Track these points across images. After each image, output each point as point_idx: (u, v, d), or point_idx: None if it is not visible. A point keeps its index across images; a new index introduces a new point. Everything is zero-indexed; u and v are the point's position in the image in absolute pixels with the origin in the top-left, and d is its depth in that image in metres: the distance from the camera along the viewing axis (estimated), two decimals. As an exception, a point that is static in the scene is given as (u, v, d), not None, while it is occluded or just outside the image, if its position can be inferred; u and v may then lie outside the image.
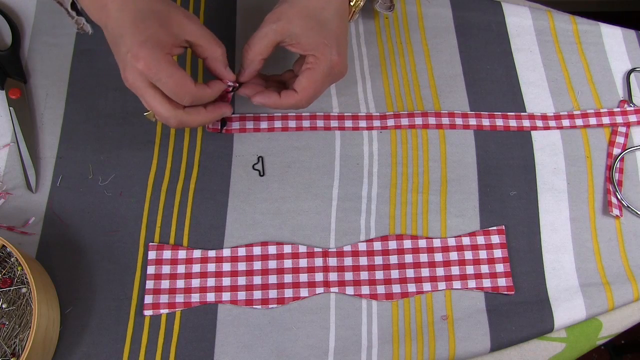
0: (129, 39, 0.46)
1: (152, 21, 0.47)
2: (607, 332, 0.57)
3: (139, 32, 0.47)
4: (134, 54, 0.46)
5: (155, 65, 0.46)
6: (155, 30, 0.47)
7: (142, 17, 0.47)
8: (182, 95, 0.48)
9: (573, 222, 0.59)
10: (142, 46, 0.46)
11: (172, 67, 0.47)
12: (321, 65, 0.51)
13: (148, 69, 0.46)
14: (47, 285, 0.51)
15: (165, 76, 0.47)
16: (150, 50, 0.46)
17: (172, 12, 0.49)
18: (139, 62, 0.46)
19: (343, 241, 0.57)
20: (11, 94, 0.60)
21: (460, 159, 0.61)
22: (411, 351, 0.53)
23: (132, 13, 0.47)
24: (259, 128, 0.61)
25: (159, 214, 0.57)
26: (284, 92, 0.53)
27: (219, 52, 0.51)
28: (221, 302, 0.54)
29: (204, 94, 0.50)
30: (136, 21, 0.47)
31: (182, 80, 0.47)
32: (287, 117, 0.61)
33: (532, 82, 0.65)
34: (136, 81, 0.47)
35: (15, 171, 0.58)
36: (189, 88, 0.48)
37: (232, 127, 0.61)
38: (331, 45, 0.52)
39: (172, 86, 0.47)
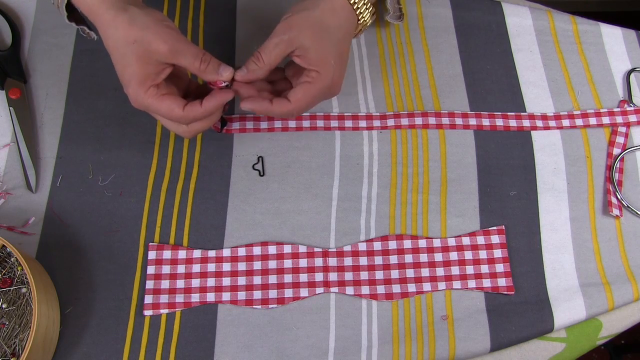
0: (119, 74, 0.49)
1: (129, 58, 0.48)
2: (607, 332, 0.57)
3: (122, 70, 0.49)
4: (127, 93, 0.49)
5: (143, 103, 0.49)
6: (133, 69, 0.48)
7: (123, 53, 0.48)
8: (176, 120, 0.50)
9: (573, 222, 0.59)
10: (128, 86, 0.49)
11: (157, 100, 0.49)
12: (321, 82, 0.51)
13: (140, 106, 0.49)
14: (47, 285, 0.51)
15: (155, 110, 0.49)
16: (135, 91, 0.48)
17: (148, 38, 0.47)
18: (132, 101, 0.49)
19: (343, 241, 0.57)
20: (11, 94, 0.60)
21: (460, 159, 0.61)
22: (411, 351, 0.53)
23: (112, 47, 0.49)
24: (259, 128, 0.61)
25: (159, 214, 0.57)
26: (277, 101, 0.52)
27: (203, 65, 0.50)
28: (221, 302, 0.54)
29: (195, 114, 0.50)
30: (118, 58, 0.49)
31: (169, 109, 0.49)
32: (287, 118, 0.61)
33: (532, 82, 0.65)
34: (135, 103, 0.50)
35: (15, 171, 0.58)
36: (178, 115, 0.49)
37: (233, 127, 0.61)
38: (335, 65, 0.52)
39: (163, 114, 0.50)
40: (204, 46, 0.65)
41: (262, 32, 0.65)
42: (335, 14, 0.52)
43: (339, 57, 0.53)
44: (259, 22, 0.66)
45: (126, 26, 0.48)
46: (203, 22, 0.66)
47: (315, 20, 0.51)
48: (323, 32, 0.51)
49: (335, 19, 0.52)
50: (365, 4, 0.53)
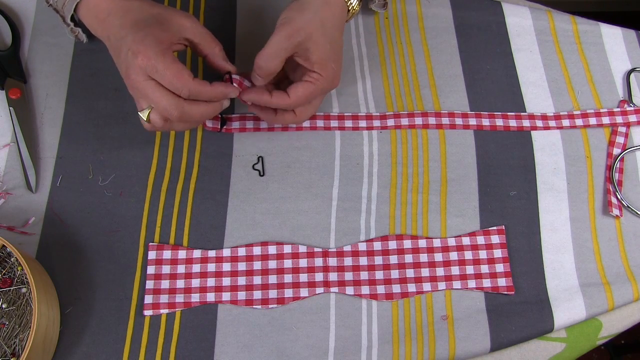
0: (130, 38, 0.48)
1: (150, 21, 0.50)
2: (607, 332, 0.57)
3: (138, 30, 0.49)
4: (133, 50, 0.48)
5: (153, 57, 0.47)
6: (153, 29, 0.49)
7: (141, 21, 0.50)
8: (181, 87, 0.49)
9: (573, 222, 0.59)
10: (141, 42, 0.48)
11: (169, 59, 0.48)
12: (322, 83, 0.53)
13: (147, 61, 0.47)
14: (47, 285, 0.51)
15: (163, 68, 0.48)
16: (148, 45, 0.48)
17: (171, 14, 0.51)
18: (138, 56, 0.47)
19: (343, 241, 0.57)
20: (11, 94, 0.60)
21: (460, 159, 0.61)
22: (411, 351, 0.53)
23: (133, 18, 0.50)
24: (259, 128, 0.61)
25: (159, 214, 0.57)
26: (276, 93, 0.53)
27: (216, 49, 0.53)
28: (221, 302, 0.54)
29: (202, 89, 0.50)
30: (136, 23, 0.50)
31: (180, 72, 0.48)
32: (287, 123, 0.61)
33: (532, 82, 0.65)
34: (138, 77, 0.48)
35: (15, 171, 0.58)
36: (186, 80, 0.49)
37: (232, 126, 0.61)
38: (336, 67, 0.53)
39: (170, 77, 0.48)
40: (204, 46, 0.65)
41: (262, 32, 0.66)
42: (333, 13, 0.54)
43: (337, 56, 0.54)
44: (259, 22, 0.66)
45: (149, 5, 0.51)
46: (203, 22, 0.66)
47: (318, 24, 0.52)
48: (325, 35, 0.52)
49: (333, 18, 0.53)
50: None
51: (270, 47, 0.51)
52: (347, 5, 0.55)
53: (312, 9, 0.52)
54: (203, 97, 0.50)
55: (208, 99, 0.51)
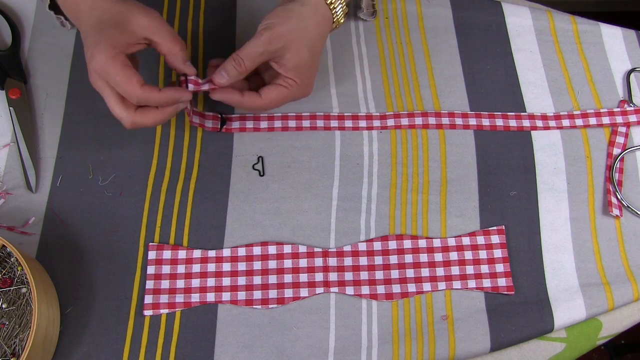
0: (89, 40, 0.49)
1: (109, 23, 0.49)
2: (607, 332, 0.57)
3: (95, 33, 0.49)
4: (90, 54, 0.48)
5: (105, 64, 0.48)
6: (109, 32, 0.49)
7: (102, 21, 0.49)
8: (130, 93, 0.49)
9: (573, 222, 0.59)
10: (96, 46, 0.48)
11: (119, 65, 0.48)
12: (295, 89, 0.54)
13: (100, 67, 0.48)
14: (47, 285, 0.51)
15: (113, 74, 0.48)
16: (101, 50, 0.48)
17: (132, 13, 0.50)
18: (94, 61, 0.48)
19: (343, 241, 0.57)
20: (11, 94, 0.60)
21: (460, 159, 0.61)
22: (411, 351, 0.53)
23: (95, 18, 0.50)
24: (259, 127, 0.61)
25: (159, 214, 0.57)
26: (248, 94, 0.53)
27: (176, 48, 0.51)
28: (221, 302, 0.54)
29: (150, 95, 0.49)
30: (96, 25, 0.49)
31: (129, 78, 0.48)
32: (287, 117, 0.61)
33: (532, 82, 0.65)
34: (96, 81, 0.49)
35: (15, 171, 0.58)
36: (134, 87, 0.49)
37: (232, 126, 0.61)
38: (311, 76, 0.54)
39: (120, 83, 0.48)
40: (203, 46, 0.65)
41: (262, 32, 0.66)
42: (319, 25, 0.54)
43: (315, 64, 0.55)
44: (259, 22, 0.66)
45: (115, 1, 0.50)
46: (203, 22, 0.66)
47: (302, 33, 0.52)
48: (307, 46, 0.53)
49: (319, 30, 0.54)
50: (341, 5, 0.55)
51: (247, 49, 0.51)
52: (332, 16, 0.55)
53: (296, 16, 0.52)
54: (152, 103, 0.50)
55: (158, 105, 0.51)
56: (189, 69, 0.52)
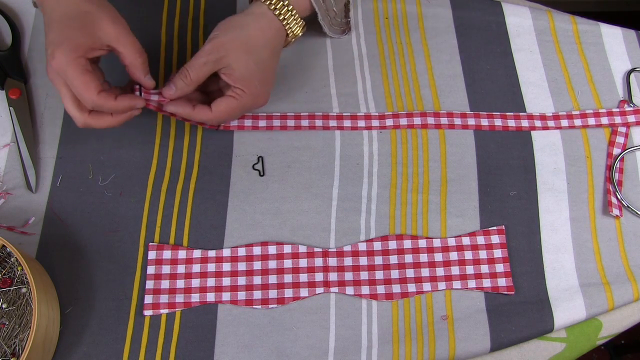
0: (51, 36, 0.49)
1: (75, 22, 0.49)
2: (607, 332, 0.57)
3: (59, 31, 0.49)
4: (51, 52, 0.48)
5: (65, 66, 0.48)
6: (74, 32, 0.49)
7: (68, 17, 0.49)
8: (86, 99, 0.49)
9: (573, 222, 0.59)
10: (58, 46, 0.48)
11: (79, 70, 0.49)
12: (245, 98, 0.54)
13: (59, 68, 0.48)
14: (47, 285, 0.51)
15: (71, 77, 0.49)
16: (64, 52, 0.48)
17: (100, 14, 0.50)
18: (54, 60, 0.48)
19: (343, 241, 0.57)
20: (11, 94, 0.60)
21: (460, 159, 0.61)
22: (411, 351, 0.53)
23: (61, 10, 0.50)
24: (257, 126, 0.61)
25: (159, 214, 0.57)
26: (199, 107, 0.54)
27: (139, 60, 0.52)
28: (221, 302, 0.54)
29: (106, 103, 0.50)
30: (61, 20, 0.49)
31: (86, 85, 0.49)
32: (285, 117, 0.61)
33: (532, 82, 0.65)
34: (54, 78, 0.50)
35: (15, 171, 0.58)
36: (91, 94, 0.49)
37: (230, 124, 0.61)
38: (259, 83, 0.54)
39: (77, 88, 0.49)
40: (204, 46, 0.64)
41: (262, 32, 0.66)
42: (264, 32, 0.55)
43: (264, 74, 0.55)
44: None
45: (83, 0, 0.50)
46: (203, 22, 0.66)
47: (243, 41, 0.53)
48: (250, 53, 0.53)
49: (263, 38, 0.54)
50: (294, 19, 0.56)
51: (191, 60, 0.53)
52: (284, 28, 0.56)
53: (238, 26, 0.54)
54: (106, 110, 0.51)
55: (112, 112, 0.52)
56: (148, 82, 0.53)
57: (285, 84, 0.63)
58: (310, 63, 0.64)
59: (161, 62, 0.63)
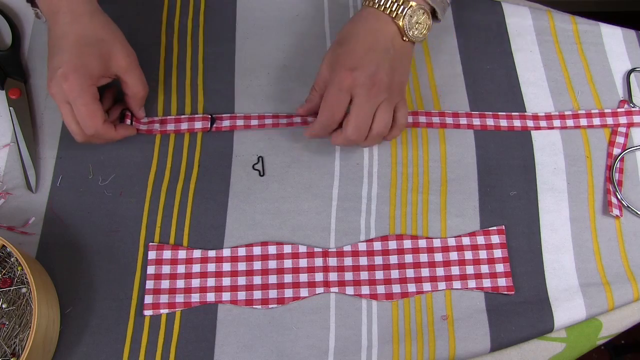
0: (65, 58, 0.50)
1: (92, 49, 0.51)
2: (607, 332, 0.57)
3: (76, 55, 0.50)
4: (64, 73, 0.50)
5: (78, 91, 0.50)
6: (91, 60, 0.51)
7: (85, 42, 0.51)
8: (88, 126, 0.52)
9: (573, 222, 0.59)
10: (74, 70, 0.50)
11: (90, 98, 0.51)
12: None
13: (71, 92, 0.50)
14: (47, 285, 0.51)
15: (80, 104, 0.50)
16: (78, 77, 0.50)
17: (114, 44, 0.53)
18: (66, 82, 0.50)
19: (343, 241, 0.57)
20: (11, 94, 0.60)
21: (460, 159, 0.61)
22: (411, 351, 0.53)
23: (77, 33, 0.51)
24: (249, 125, 0.60)
25: (159, 214, 0.57)
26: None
27: (141, 93, 0.56)
28: (221, 302, 0.54)
29: (106, 133, 0.54)
30: (78, 43, 0.51)
31: (94, 114, 0.51)
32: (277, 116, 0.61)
33: (532, 82, 0.65)
34: (57, 95, 0.51)
35: (15, 171, 0.58)
36: (96, 123, 0.52)
37: (223, 124, 0.60)
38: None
39: (83, 115, 0.51)
40: (203, 46, 0.65)
41: (262, 32, 0.66)
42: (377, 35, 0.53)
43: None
44: (259, 22, 0.66)
45: (100, 25, 0.52)
46: (203, 22, 0.66)
47: (356, 55, 0.52)
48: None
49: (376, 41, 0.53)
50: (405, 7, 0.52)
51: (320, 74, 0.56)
52: (395, 24, 0.53)
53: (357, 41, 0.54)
54: (105, 139, 0.55)
55: (108, 140, 0.55)
56: (142, 114, 0.58)
57: (285, 84, 0.63)
58: (311, 63, 0.64)
59: (161, 62, 0.63)
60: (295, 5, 0.67)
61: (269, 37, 0.65)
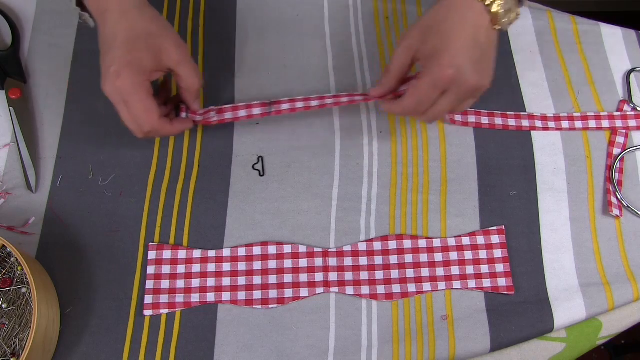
0: (117, 54, 0.49)
1: (142, 44, 0.50)
2: (607, 332, 0.57)
3: (127, 51, 0.49)
4: (116, 70, 0.48)
5: (131, 88, 0.49)
6: (142, 54, 0.50)
7: (135, 37, 0.50)
8: (144, 123, 0.51)
9: (573, 222, 0.59)
10: (126, 67, 0.49)
11: (144, 93, 0.50)
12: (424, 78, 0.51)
13: (124, 89, 0.49)
14: (47, 285, 0.51)
15: (135, 100, 0.49)
16: (131, 73, 0.49)
17: (164, 37, 0.51)
18: (119, 80, 0.49)
19: (343, 241, 0.57)
20: (11, 94, 0.60)
21: (460, 159, 0.61)
22: (411, 351, 0.53)
23: (127, 29, 0.50)
24: (309, 107, 0.57)
25: (159, 214, 0.57)
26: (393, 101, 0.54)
27: (195, 86, 0.53)
28: (221, 302, 0.54)
29: (163, 128, 0.52)
30: (128, 40, 0.50)
31: (149, 110, 0.50)
32: (338, 96, 0.58)
33: (532, 82, 0.65)
34: (112, 93, 0.50)
35: (15, 171, 0.58)
36: (152, 119, 0.51)
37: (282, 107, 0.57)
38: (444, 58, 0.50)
39: (138, 112, 0.50)
40: (203, 46, 0.65)
41: (262, 33, 0.66)
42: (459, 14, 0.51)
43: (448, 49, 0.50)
44: (259, 22, 0.66)
45: (149, 19, 0.51)
46: (203, 22, 0.66)
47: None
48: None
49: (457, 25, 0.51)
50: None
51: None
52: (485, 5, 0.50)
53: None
54: (162, 134, 0.53)
55: (166, 135, 0.54)
56: (196, 107, 0.55)
57: (285, 84, 0.63)
58: (311, 63, 0.64)
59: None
60: (295, 5, 0.67)
61: (269, 37, 0.65)
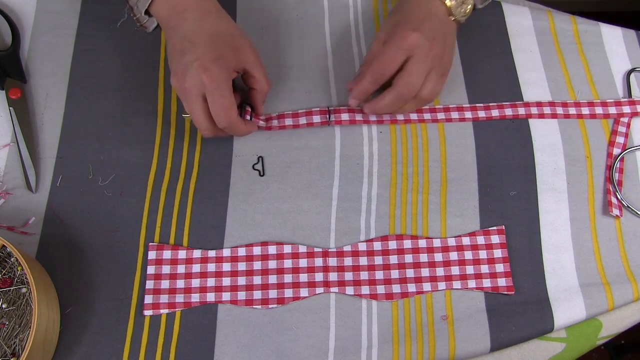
0: (201, 51, 0.50)
1: (227, 42, 0.52)
2: (607, 332, 0.57)
3: (215, 47, 0.51)
4: (203, 64, 0.50)
5: (217, 82, 0.50)
6: (228, 52, 0.51)
7: (220, 36, 0.52)
8: (222, 119, 0.52)
9: (573, 222, 0.59)
10: (214, 61, 0.50)
11: (227, 90, 0.51)
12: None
13: (210, 82, 0.50)
14: (47, 285, 0.51)
15: (218, 95, 0.50)
16: (219, 68, 0.50)
17: (244, 39, 0.54)
18: (206, 73, 0.49)
19: (343, 241, 0.57)
20: (11, 94, 0.60)
21: (460, 159, 0.61)
22: (411, 351, 0.53)
23: (210, 28, 0.52)
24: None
25: (159, 214, 0.57)
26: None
27: (266, 89, 0.56)
28: (221, 302, 0.54)
29: (238, 126, 0.54)
30: (213, 37, 0.51)
31: (230, 106, 0.51)
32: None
33: (532, 82, 0.65)
34: (193, 87, 0.50)
35: (15, 171, 0.58)
36: (231, 115, 0.52)
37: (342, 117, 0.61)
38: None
39: (219, 106, 0.51)
40: (204, 46, 0.65)
41: (262, 32, 0.66)
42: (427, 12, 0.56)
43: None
44: (259, 22, 0.66)
45: (228, 20, 0.54)
46: (203, 22, 0.66)
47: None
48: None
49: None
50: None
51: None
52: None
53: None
54: (235, 132, 0.54)
55: (237, 134, 0.55)
56: (262, 110, 0.58)
57: (285, 84, 0.63)
58: (310, 63, 0.64)
59: (161, 62, 0.63)
60: (295, 5, 0.67)
61: (269, 37, 0.66)
